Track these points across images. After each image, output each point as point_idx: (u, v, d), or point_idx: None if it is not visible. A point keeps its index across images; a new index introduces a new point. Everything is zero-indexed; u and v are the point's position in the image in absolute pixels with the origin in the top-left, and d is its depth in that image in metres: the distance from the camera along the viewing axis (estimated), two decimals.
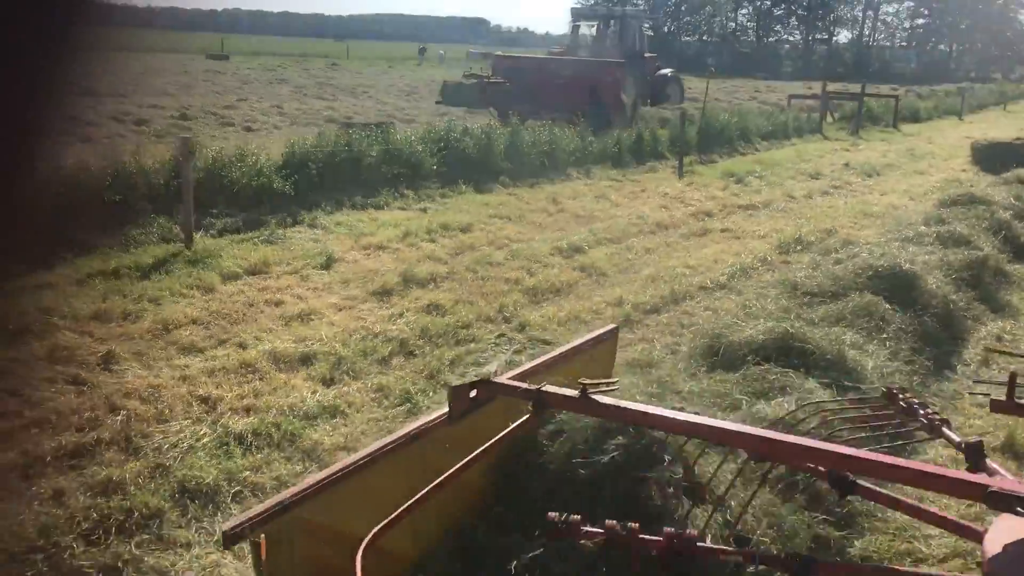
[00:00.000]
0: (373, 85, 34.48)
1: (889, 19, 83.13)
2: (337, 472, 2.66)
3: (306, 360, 5.54)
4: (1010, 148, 17.48)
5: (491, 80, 18.46)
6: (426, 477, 2.74)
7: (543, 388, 2.90)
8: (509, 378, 3.15)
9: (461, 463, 2.79)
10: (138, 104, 21.10)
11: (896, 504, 2.86)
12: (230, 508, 3.83)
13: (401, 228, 9.17)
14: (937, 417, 2.96)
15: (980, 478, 2.24)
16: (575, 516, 2.63)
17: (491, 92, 17.81)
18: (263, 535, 2.43)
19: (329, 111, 22.69)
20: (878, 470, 2.38)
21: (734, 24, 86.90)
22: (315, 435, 4.54)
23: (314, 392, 5.07)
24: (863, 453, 2.47)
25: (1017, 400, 2.79)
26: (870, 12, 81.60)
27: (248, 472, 4.12)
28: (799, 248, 9.02)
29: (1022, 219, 9.77)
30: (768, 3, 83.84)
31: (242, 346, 5.73)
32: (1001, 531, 2.10)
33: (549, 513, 2.66)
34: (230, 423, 4.57)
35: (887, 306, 5.98)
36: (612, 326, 4.37)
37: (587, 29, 23.26)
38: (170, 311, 6.29)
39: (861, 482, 2.67)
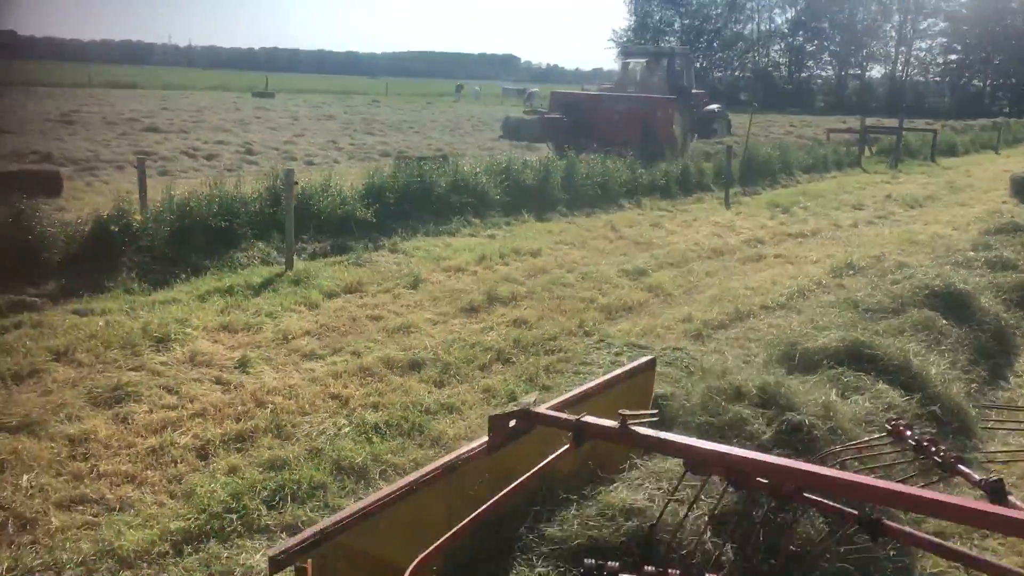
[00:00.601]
0: (416, 121, 35.41)
1: (922, 54, 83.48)
2: (379, 500, 2.69)
3: (415, 366, 6.16)
4: None
5: (549, 116, 19.21)
6: (465, 507, 2.75)
7: (582, 418, 2.81)
8: (548, 408, 3.09)
9: (500, 494, 2.76)
10: (203, 140, 22.04)
11: (928, 545, 2.67)
12: (379, 483, 4.43)
13: (475, 252, 9.83)
14: (952, 454, 2.83)
15: (1019, 512, 2.10)
16: (612, 563, 2.60)
17: (549, 127, 18.55)
18: (309, 561, 2.49)
19: (382, 146, 23.56)
20: (918, 505, 2.24)
21: (767, 60, 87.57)
22: (439, 426, 5.15)
23: (429, 392, 5.69)
24: (907, 489, 2.30)
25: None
26: (903, 48, 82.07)
27: (389, 455, 4.73)
28: (851, 272, 9.54)
29: None
30: (801, 39, 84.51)
31: (356, 354, 6.37)
32: None
33: (585, 560, 2.64)
34: (364, 416, 5.20)
35: (944, 322, 6.50)
36: (650, 357, 4.40)
37: (636, 65, 24.00)
38: (286, 323, 6.96)
39: (888, 523, 2.55)
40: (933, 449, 2.87)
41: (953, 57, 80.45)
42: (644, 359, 4.35)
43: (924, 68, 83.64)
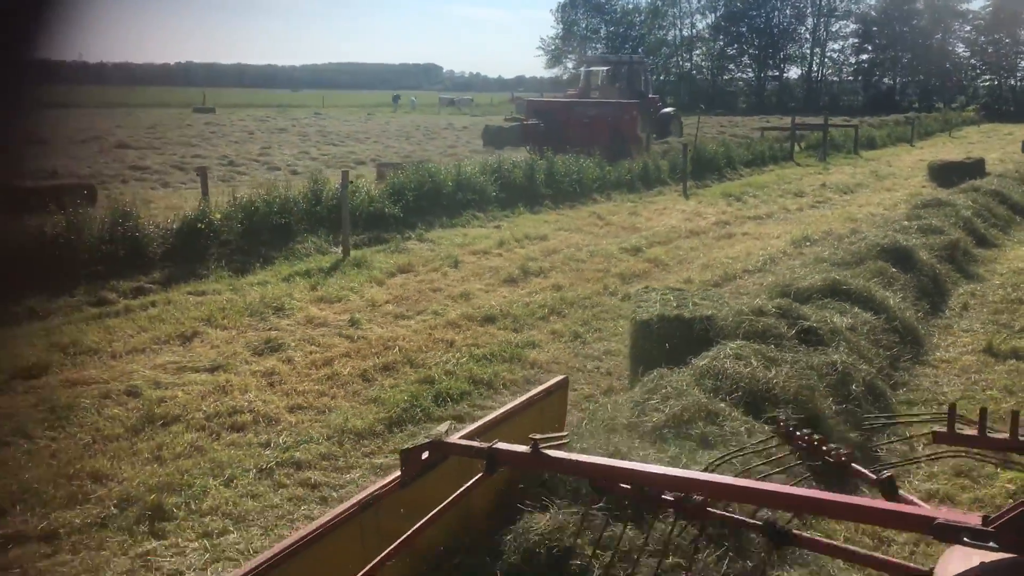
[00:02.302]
0: (367, 131, 36.60)
1: (835, 55, 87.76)
2: (291, 545, 2.62)
3: (489, 319, 7.73)
4: (961, 166, 20.32)
5: (528, 122, 20.92)
6: (381, 544, 2.71)
7: (494, 446, 2.78)
8: (460, 437, 3.04)
9: (415, 527, 2.75)
10: (179, 156, 23.04)
11: (836, 551, 2.74)
12: (507, 390, 6.00)
13: (492, 239, 11.42)
14: (842, 452, 2.81)
15: (926, 510, 2.16)
16: None
17: (528, 132, 20.26)
18: None
19: (351, 155, 24.90)
20: (827, 509, 2.25)
21: (689, 64, 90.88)
22: (530, 355, 6.75)
23: (509, 336, 7.26)
24: (811, 492, 2.32)
25: (958, 431, 2.70)
26: (817, 49, 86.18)
27: (505, 373, 6.31)
28: (808, 243, 11.40)
29: (979, 216, 12.29)
30: (721, 43, 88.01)
31: (436, 313, 7.91)
32: (949, 564, 2.05)
33: None
34: (471, 351, 6.76)
35: (894, 270, 8.33)
36: (562, 377, 4.39)
37: (597, 73, 25.90)
38: (369, 295, 8.47)
39: (796, 532, 2.54)
40: (824, 449, 2.81)
41: (864, 57, 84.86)
42: (556, 379, 4.28)
43: (838, 68, 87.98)
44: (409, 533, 2.73)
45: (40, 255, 8.21)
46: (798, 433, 2.97)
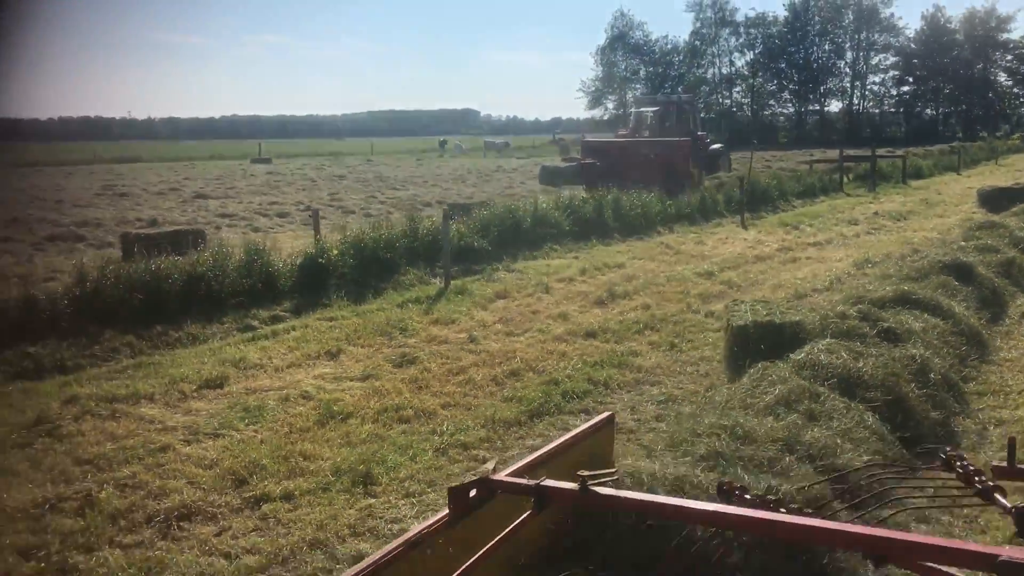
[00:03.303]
0: (423, 175, 37.89)
1: (876, 88, 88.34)
2: None
3: (591, 335, 8.67)
4: (1010, 192, 20.97)
5: (584, 161, 22.04)
6: None
7: (543, 483, 2.79)
8: (508, 474, 3.05)
9: (465, 565, 2.73)
10: (256, 203, 24.42)
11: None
12: (621, 390, 6.92)
13: (573, 268, 12.41)
14: (992, 484, 2.85)
15: (991, 548, 2.17)
16: None
17: (584, 171, 21.38)
18: None
19: (414, 198, 26.16)
20: (887, 547, 2.31)
21: (729, 100, 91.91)
22: (636, 361, 7.67)
23: (613, 347, 8.19)
24: (869, 529, 2.40)
25: (1018, 466, 2.73)
26: (858, 82, 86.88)
27: (617, 376, 7.23)
28: (870, 265, 12.20)
29: None
30: (761, 80, 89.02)
31: (542, 331, 8.87)
32: None
33: None
34: (583, 359, 7.69)
35: (956, 283, 9.13)
36: (608, 413, 4.38)
37: (648, 113, 27.04)
38: (478, 317, 9.48)
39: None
40: (977, 479, 2.87)
41: (905, 88, 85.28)
42: (603, 416, 4.29)
43: (879, 100, 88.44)
44: (458, 572, 2.69)
45: (191, 289, 9.34)
46: (959, 464, 3.07)
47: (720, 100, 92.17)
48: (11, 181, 33.36)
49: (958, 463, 3.10)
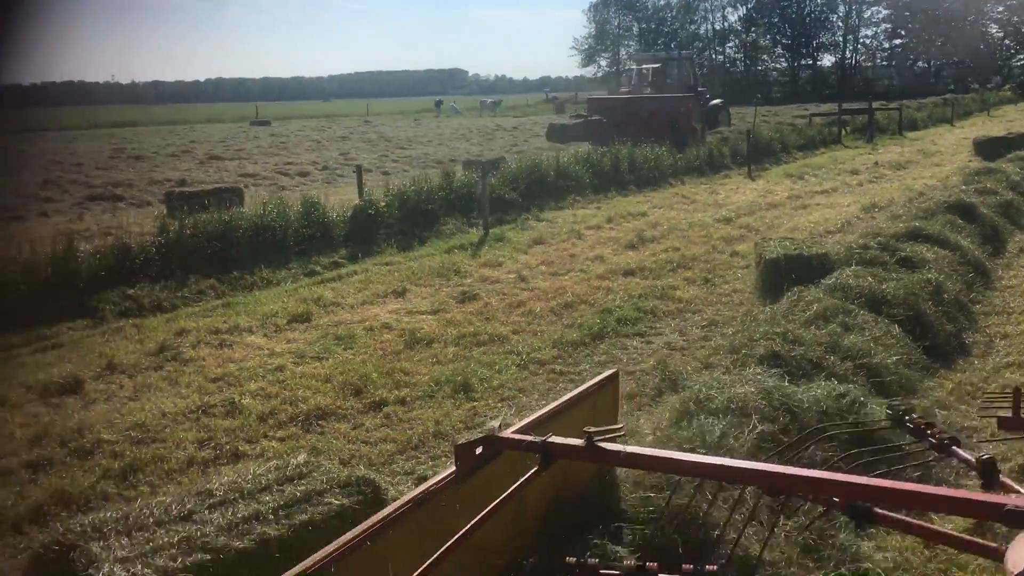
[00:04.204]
0: (424, 135, 38.36)
1: (868, 41, 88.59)
2: (346, 543, 2.60)
3: (630, 272, 9.49)
4: (1004, 141, 21.77)
5: (590, 118, 22.73)
6: (438, 540, 2.70)
7: (548, 439, 2.84)
8: (513, 432, 3.08)
9: (472, 522, 2.74)
10: (272, 163, 25.04)
11: (914, 529, 2.77)
12: (668, 317, 7.77)
13: (599, 217, 13.21)
14: (946, 436, 2.89)
15: (996, 497, 2.18)
16: (592, 559, 2.75)
17: (591, 128, 22.07)
18: None
19: (425, 156, 26.83)
20: (895, 497, 2.32)
21: (722, 56, 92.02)
22: (676, 294, 8.51)
23: (652, 283, 9.02)
24: (878, 481, 2.41)
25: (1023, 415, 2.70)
26: (850, 36, 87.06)
27: (661, 306, 8.08)
28: (877, 209, 13.03)
29: None
30: (754, 35, 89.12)
31: (583, 271, 9.70)
32: (1021, 549, 2.06)
33: (567, 557, 2.77)
34: (627, 292, 8.53)
35: (960, 221, 9.98)
36: (613, 371, 4.38)
37: (649, 69, 27.67)
38: (522, 260, 10.30)
39: (877, 510, 2.58)
40: (929, 432, 2.91)
41: (898, 41, 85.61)
42: (607, 373, 4.28)
43: (871, 53, 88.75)
44: (465, 529, 2.71)
45: (258, 238, 10.13)
46: (907, 418, 3.11)
47: (713, 56, 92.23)
48: (21, 146, 33.83)
49: (907, 418, 3.10)
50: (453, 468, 2.98)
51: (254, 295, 9.05)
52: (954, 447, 2.84)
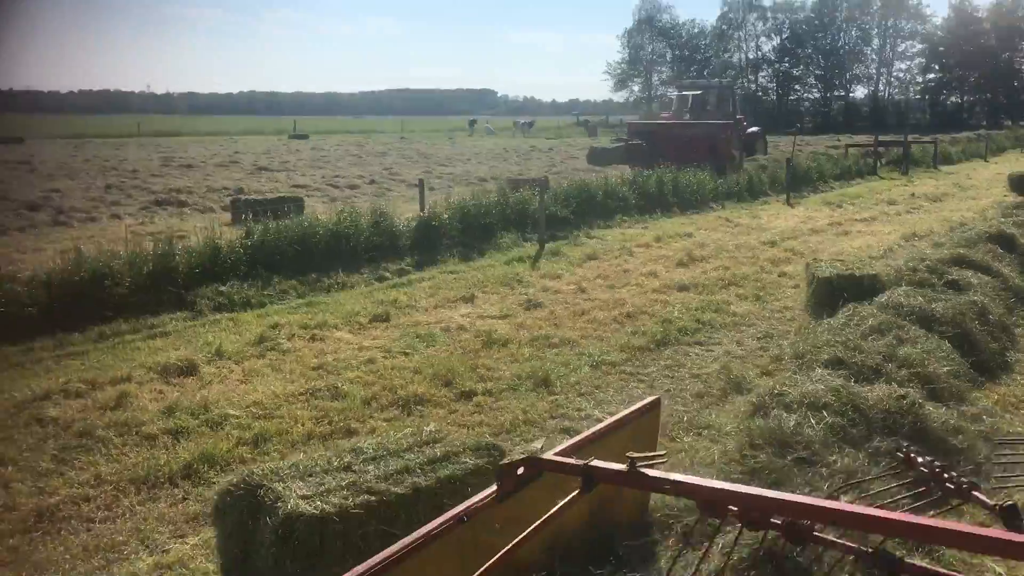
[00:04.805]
0: (463, 154, 39.08)
1: (902, 75, 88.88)
2: (389, 557, 2.63)
3: (683, 288, 10.03)
4: None
5: (631, 142, 23.36)
6: (478, 559, 2.71)
7: (591, 463, 2.83)
8: (556, 454, 3.08)
9: (513, 543, 2.74)
10: (319, 176, 25.80)
11: None
12: (724, 328, 8.28)
13: (648, 235, 13.77)
14: (965, 480, 2.77)
15: None
16: None
17: (631, 151, 22.70)
18: None
19: (469, 173, 27.53)
20: (943, 537, 2.17)
21: (755, 85, 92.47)
22: (732, 308, 9.03)
23: (706, 298, 9.55)
24: (923, 519, 2.28)
25: None
26: (884, 69, 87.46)
27: (717, 318, 8.59)
28: (917, 238, 13.49)
29: None
30: (787, 65, 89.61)
31: (638, 285, 10.24)
32: None
33: None
34: (685, 307, 9.05)
35: (1000, 250, 10.43)
36: (655, 397, 4.34)
37: (689, 96, 28.32)
38: (579, 273, 10.86)
39: (907, 560, 2.45)
40: (945, 476, 2.79)
41: (931, 76, 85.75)
42: (649, 399, 4.25)
43: (904, 87, 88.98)
44: (506, 549, 2.73)
45: (334, 244, 10.77)
46: (920, 460, 2.99)
47: (746, 84, 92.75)
48: (71, 152, 34.92)
49: (919, 460, 2.99)
50: (495, 487, 2.99)
51: (333, 296, 9.66)
52: (974, 492, 2.73)
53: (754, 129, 29.49)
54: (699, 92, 28.23)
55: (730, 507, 2.67)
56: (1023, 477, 4.27)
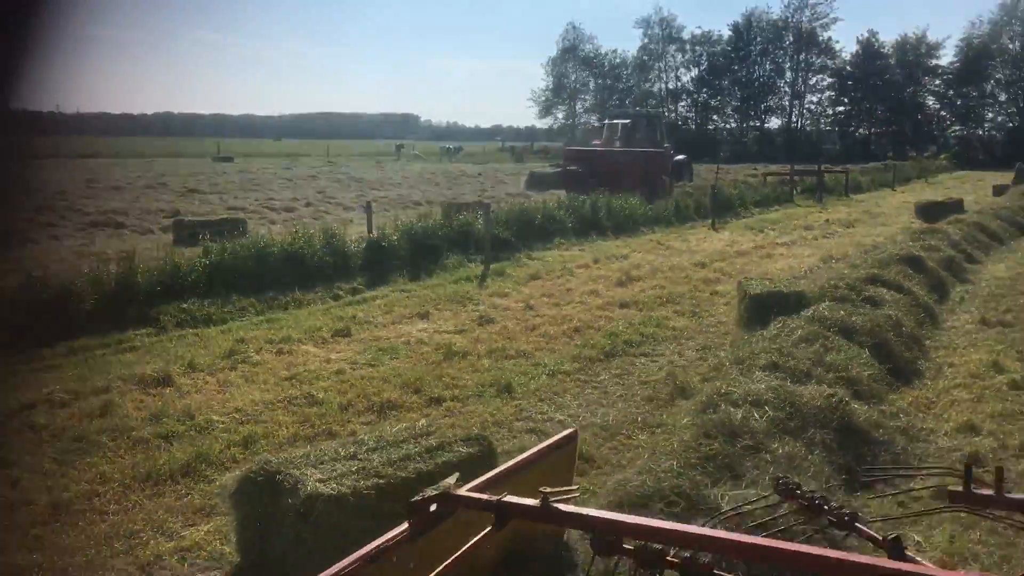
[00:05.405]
0: (391, 178, 39.42)
1: (813, 107, 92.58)
2: None
3: (624, 305, 10.66)
4: (943, 205, 23.79)
5: (568, 168, 24.17)
6: None
7: (504, 499, 2.80)
8: (469, 489, 3.06)
9: None
10: (252, 199, 25.86)
11: None
12: (667, 341, 8.92)
13: (586, 257, 14.44)
14: (845, 512, 2.76)
15: (909, 566, 2.16)
16: None
17: (568, 177, 23.51)
18: None
19: (404, 197, 27.94)
20: (837, 569, 2.20)
21: (675, 115, 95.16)
22: (669, 323, 9.68)
23: (646, 314, 10.19)
24: (820, 551, 2.32)
25: (974, 490, 2.61)
26: (796, 101, 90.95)
27: (659, 332, 9.24)
28: (834, 260, 14.46)
29: (965, 240, 15.45)
30: (705, 95, 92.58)
31: (583, 303, 10.84)
32: None
33: None
34: (627, 320, 9.68)
35: (910, 271, 11.38)
36: (571, 430, 4.35)
37: (618, 125, 29.36)
38: (525, 291, 11.42)
39: None
40: (826, 507, 2.80)
41: (841, 108, 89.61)
42: (566, 432, 4.29)
43: (816, 118, 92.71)
44: None
45: (288, 263, 11.11)
46: (798, 492, 2.92)
47: (666, 113, 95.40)
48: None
49: (797, 491, 2.94)
50: (406, 525, 2.94)
51: (291, 313, 10.01)
52: (856, 524, 2.74)
53: (681, 157, 30.72)
54: (628, 120, 29.33)
55: (624, 546, 2.64)
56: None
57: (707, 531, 2.64)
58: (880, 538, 2.58)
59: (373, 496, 4.02)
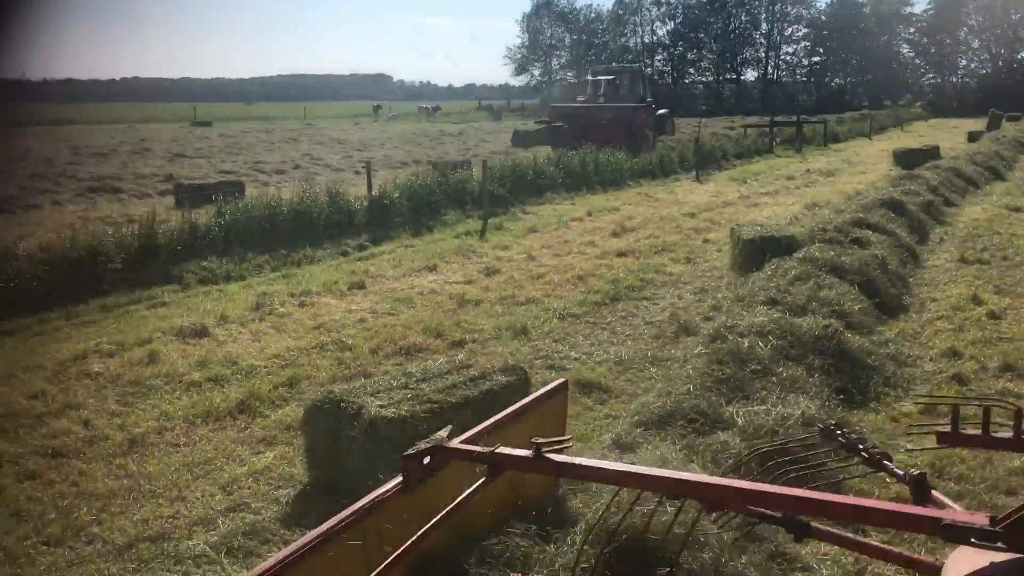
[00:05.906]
0: (376, 139, 39.47)
1: (789, 58, 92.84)
2: (297, 550, 2.61)
3: (623, 254, 11.14)
4: (920, 152, 24.35)
5: (554, 124, 24.50)
6: (384, 550, 2.71)
7: (496, 450, 2.81)
8: (461, 442, 3.05)
9: (419, 533, 2.74)
10: (241, 161, 26.04)
11: (851, 544, 2.77)
12: (667, 286, 9.43)
13: (579, 211, 14.88)
14: (877, 451, 2.87)
15: (934, 511, 2.18)
16: None
17: (554, 133, 23.86)
18: None
19: (390, 157, 28.17)
20: (834, 510, 2.33)
21: (651, 69, 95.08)
22: (666, 269, 10.18)
23: (644, 261, 10.68)
24: (818, 494, 2.38)
25: (961, 431, 2.75)
26: (772, 52, 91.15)
27: (657, 278, 9.74)
28: (817, 207, 14.99)
29: (943, 185, 16.02)
30: (681, 49, 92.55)
31: (582, 253, 11.31)
32: (958, 563, 2.07)
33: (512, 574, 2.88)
34: (627, 268, 10.16)
35: (892, 214, 11.92)
36: (562, 380, 4.37)
37: (603, 81, 29.64)
38: (525, 243, 11.87)
39: (815, 524, 2.54)
40: (861, 447, 2.91)
41: (816, 59, 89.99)
42: (556, 382, 4.29)
43: (792, 70, 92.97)
44: (412, 540, 2.72)
45: (297, 221, 11.49)
46: (839, 432, 3.06)
47: (643, 68, 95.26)
48: None
49: (838, 433, 3.07)
50: (400, 477, 2.95)
51: (304, 269, 10.43)
52: (886, 462, 2.83)
53: (663, 111, 31.11)
54: (612, 76, 29.64)
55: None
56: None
57: (703, 478, 2.70)
58: (903, 475, 2.70)
59: (428, 419, 4.50)
